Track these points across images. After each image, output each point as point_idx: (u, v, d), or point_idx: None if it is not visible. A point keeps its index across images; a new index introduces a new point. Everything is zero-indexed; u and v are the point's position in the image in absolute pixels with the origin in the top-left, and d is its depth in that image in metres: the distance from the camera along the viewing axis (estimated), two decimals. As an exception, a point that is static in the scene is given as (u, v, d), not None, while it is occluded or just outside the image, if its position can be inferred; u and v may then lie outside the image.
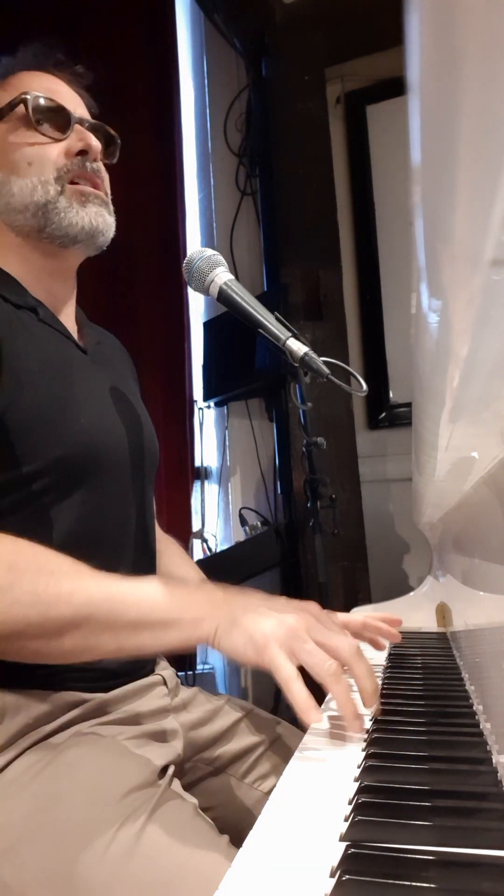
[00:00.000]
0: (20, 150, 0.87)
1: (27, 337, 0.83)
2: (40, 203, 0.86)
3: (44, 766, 0.70)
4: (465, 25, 0.19)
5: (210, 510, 2.58)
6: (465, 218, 0.25)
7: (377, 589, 2.08)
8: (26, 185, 0.86)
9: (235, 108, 2.58)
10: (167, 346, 2.48)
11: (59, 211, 0.87)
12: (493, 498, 0.64)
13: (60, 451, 0.79)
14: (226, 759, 0.92)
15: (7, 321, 0.81)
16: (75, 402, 0.84)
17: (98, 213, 0.89)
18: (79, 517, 0.82)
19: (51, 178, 0.87)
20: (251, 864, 0.44)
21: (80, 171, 0.88)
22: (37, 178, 0.87)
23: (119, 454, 0.89)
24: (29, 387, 0.79)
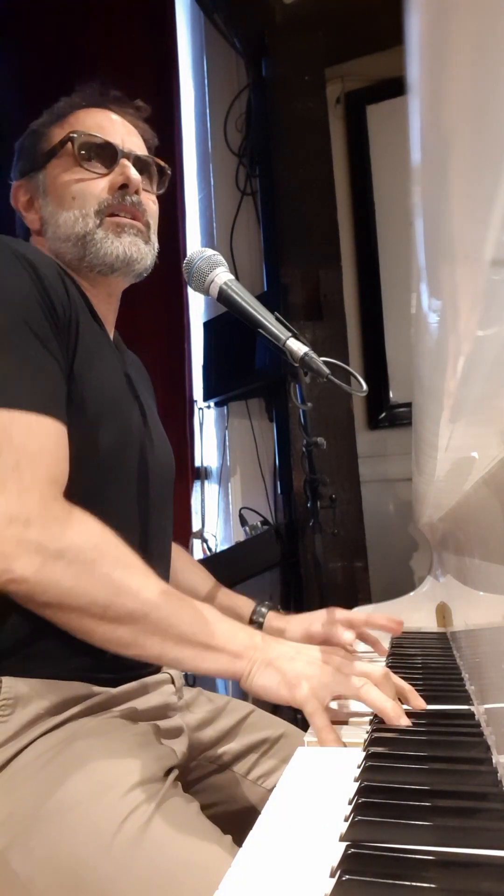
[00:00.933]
0: (67, 185, 0.94)
1: (93, 328, 0.89)
2: (80, 234, 0.93)
3: (53, 756, 0.70)
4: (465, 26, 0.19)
5: (210, 510, 2.58)
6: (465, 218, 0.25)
7: (377, 589, 2.08)
8: (69, 217, 0.93)
9: (235, 108, 2.58)
10: (167, 346, 2.48)
11: (96, 241, 0.93)
12: (493, 498, 0.64)
13: (111, 438, 0.84)
14: (229, 758, 0.93)
15: (82, 308, 0.87)
16: (126, 398, 0.91)
17: (132, 243, 0.95)
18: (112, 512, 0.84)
19: (91, 211, 0.93)
20: (251, 863, 0.44)
21: (119, 205, 0.94)
22: (79, 210, 0.93)
23: (151, 459, 0.93)
24: (95, 368, 0.85)
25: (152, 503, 0.93)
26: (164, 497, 0.97)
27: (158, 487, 0.95)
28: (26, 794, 0.68)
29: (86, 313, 0.88)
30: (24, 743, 0.72)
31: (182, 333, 2.53)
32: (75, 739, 0.72)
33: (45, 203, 0.95)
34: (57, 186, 0.94)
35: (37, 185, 0.97)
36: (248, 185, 2.55)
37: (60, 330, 0.80)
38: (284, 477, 2.22)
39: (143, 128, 1.03)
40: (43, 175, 0.96)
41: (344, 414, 2.12)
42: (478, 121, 0.21)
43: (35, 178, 0.97)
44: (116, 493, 0.86)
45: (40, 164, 0.96)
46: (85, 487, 0.80)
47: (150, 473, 0.93)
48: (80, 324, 0.84)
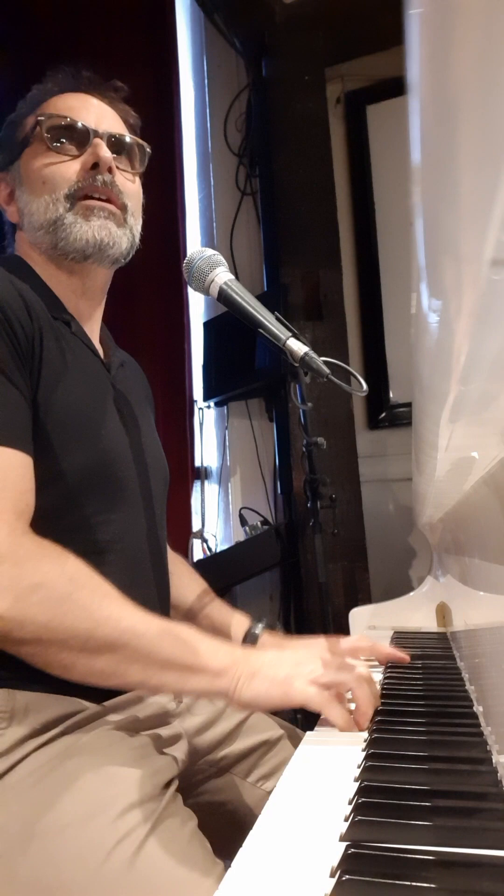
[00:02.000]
0: (38, 171, 0.90)
1: (62, 346, 0.85)
2: (51, 220, 0.89)
3: (45, 774, 0.69)
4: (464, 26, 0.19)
5: (210, 510, 2.58)
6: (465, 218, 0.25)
7: (377, 589, 2.08)
8: (41, 204, 0.90)
9: (235, 108, 2.58)
10: (167, 346, 2.49)
11: (66, 226, 0.89)
12: (493, 498, 0.64)
13: (84, 459, 0.82)
14: (230, 760, 0.92)
15: (48, 327, 0.84)
16: (99, 413, 0.87)
17: (102, 227, 0.90)
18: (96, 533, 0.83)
19: (61, 195, 0.89)
20: (251, 863, 0.44)
21: (90, 186, 0.90)
22: (49, 196, 0.89)
23: (132, 473, 0.90)
24: (62, 389, 0.82)
25: (142, 513, 0.91)
26: (154, 505, 0.94)
27: (148, 497, 0.93)
28: (15, 812, 0.66)
29: (52, 325, 0.85)
30: (17, 758, 0.70)
31: (182, 333, 2.53)
32: (69, 757, 0.71)
33: (21, 193, 0.92)
34: (30, 174, 0.91)
35: (15, 176, 0.93)
36: (248, 185, 2.55)
37: (24, 358, 0.78)
38: (284, 477, 2.22)
39: (124, 109, 0.99)
40: (18, 165, 0.93)
41: (344, 414, 2.12)
42: (478, 121, 0.21)
43: (13, 170, 0.93)
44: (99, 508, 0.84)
45: (16, 155, 0.93)
46: (61, 507, 0.79)
47: (136, 484, 0.90)
48: (45, 344, 0.81)
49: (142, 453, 0.93)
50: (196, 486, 2.54)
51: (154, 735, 0.81)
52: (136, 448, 0.92)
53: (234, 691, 0.71)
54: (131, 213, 0.95)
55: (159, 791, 0.72)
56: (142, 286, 2.46)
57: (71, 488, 0.81)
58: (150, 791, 0.70)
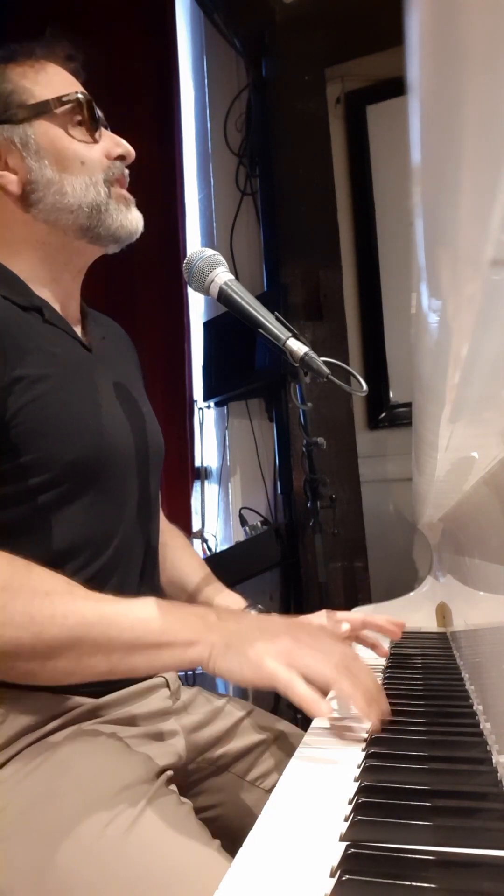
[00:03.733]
0: (71, 149, 0.87)
1: (32, 340, 0.81)
2: (94, 203, 0.87)
3: (39, 764, 0.70)
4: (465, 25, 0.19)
5: (210, 510, 2.58)
6: (465, 218, 0.25)
7: (377, 589, 2.08)
8: (79, 183, 0.86)
9: (235, 108, 2.58)
10: (167, 346, 2.49)
11: (110, 213, 0.88)
12: (493, 498, 0.64)
13: (72, 455, 0.79)
14: (228, 759, 0.92)
15: (14, 324, 0.80)
16: (84, 404, 0.84)
17: (139, 218, 0.92)
18: (86, 520, 0.82)
19: (100, 179, 0.88)
20: (251, 863, 0.44)
21: (121, 178, 0.90)
22: (88, 177, 0.87)
23: (127, 454, 0.88)
24: (38, 394, 0.78)
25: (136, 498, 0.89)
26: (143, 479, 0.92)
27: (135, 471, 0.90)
28: (9, 804, 0.67)
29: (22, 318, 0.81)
30: (11, 753, 0.71)
31: (182, 333, 2.53)
32: (60, 748, 0.71)
33: (39, 165, 0.85)
34: (59, 148, 0.86)
35: (21, 141, 0.85)
36: (248, 185, 2.55)
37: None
38: (284, 477, 2.22)
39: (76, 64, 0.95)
40: (29, 130, 0.85)
41: (344, 414, 2.12)
42: (478, 120, 0.21)
43: (12, 131, 0.85)
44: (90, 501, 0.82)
45: (20, 118, 0.85)
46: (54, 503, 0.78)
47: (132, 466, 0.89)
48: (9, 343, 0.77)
49: (133, 429, 0.91)
50: (196, 486, 2.54)
51: (150, 730, 0.81)
52: (126, 426, 0.90)
53: (208, 660, 0.68)
54: None
55: (152, 777, 0.72)
56: (142, 286, 2.47)
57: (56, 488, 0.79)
58: (144, 776, 0.70)
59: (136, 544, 0.90)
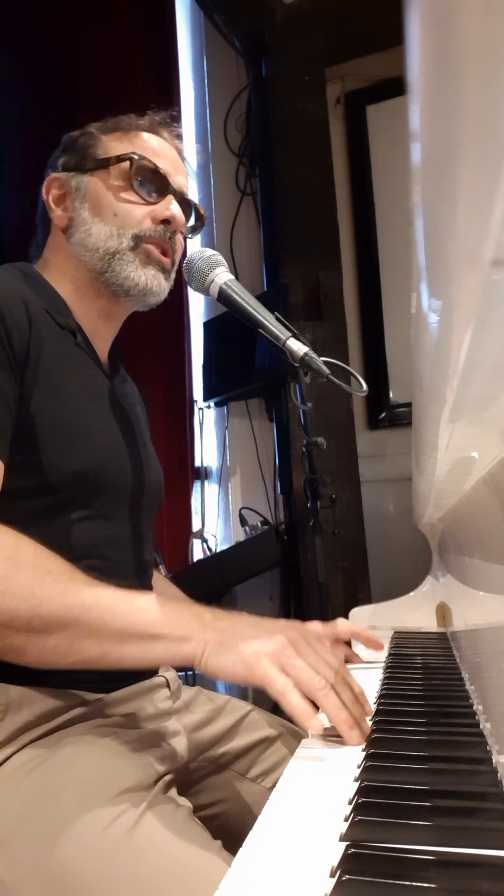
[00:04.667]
0: (111, 201, 0.93)
1: (63, 354, 0.86)
2: (110, 250, 0.91)
3: (40, 762, 0.70)
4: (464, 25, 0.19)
5: (210, 510, 2.58)
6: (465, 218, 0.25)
7: (377, 589, 2.08)
8: (105, 231, 0.92)
9: (235, 108, 2.58)
10: (167, 346, 2.49)
11: (123, 262, 0.92)
12: (493, 498, 0.64)
13: (76, 465, 0.81)
14: (229, 757, 0.93)
15: (49, 334, 0.84)
16: (96, 422, 0.87)
17: (155, 277, 0.94)
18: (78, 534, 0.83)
19: (129, 233, 0.92)
20: (251, 863, 0.44)
21: (157, 240, 0.93)
22: (117, 229, 0.92)
23: (126, 482, 0.90)
24: (58, 398, 0.82)
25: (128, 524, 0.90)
26: (142, 518, 0.94)
27: (137, 508, 0.92)
28: (11, 800, 0.67)
29: (55, 331, 0.86)
30: (12, 750, 0.71)
31: (182, 333, 2.53)
32: (63, 746, 0.72)
33: (81, 207, 0.94)
34: (100, 199, 0.93)
35: (76, 185, 0.95)
36: (248, 185, 2.55)
37: (14, 360, 0.78)
38: (284, 477, 2.22)
39: (186, 160, 1.03)
40: (87, 179, 0.94)
41: (344, 414, 2.12)
42: (478, 120, 0.21)
43: (76, 179, 0.95)
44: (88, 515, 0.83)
45: (87, 168, 0.94)
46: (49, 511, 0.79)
47: (128, 494, 0.90)
48: (43, 350, 0.81)
49: (136, 463, 0.93)
50: (196, 486, 2.54)
51: (151, 730, 0.82)
52: (132, 459, 0.92)
53: (200, 658, 0.68)
54: (175, 269, 0.99)
55: (153, 780, 0.72)
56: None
57: (62, 493, 0.80)
58: (144, 779, 0.71)
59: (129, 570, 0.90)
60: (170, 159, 0.98)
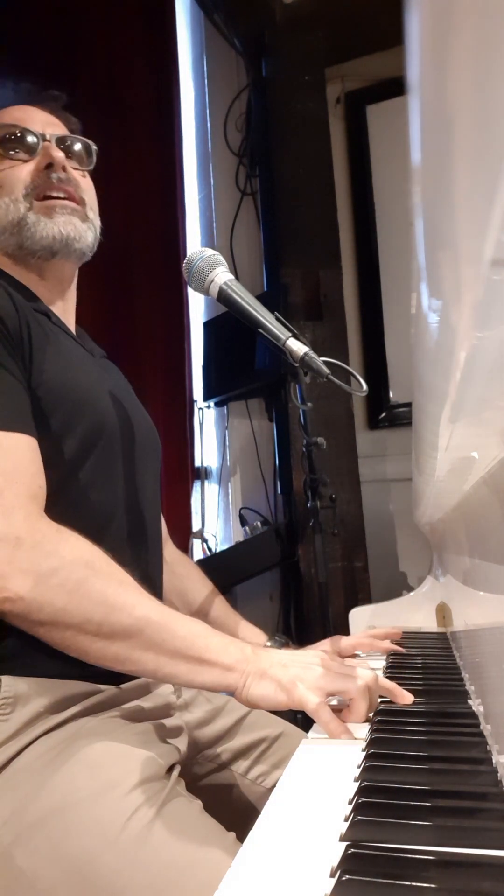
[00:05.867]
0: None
1: (47, 332, 0.88)
2: (13, 221, 0.92)
3: (55, 755, 0.71)
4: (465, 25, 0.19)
5: (210, 510, 2.58)
6: (465, 218, 0.25)
7: (377, 589, 2.08)
8: (2, 206, 0.92)
9: (235, 108, 2.58)
10: (167, 346, 2.48)
11: (29, 226, 0.92)
12: (493, 498, 0.64)
13: (87, 424, 0.85)
14: (229, 756, 0.93)
15: (32, 317, 0.86)
16: (92, 388, 0.90)
17: (67, 222, 0.93)
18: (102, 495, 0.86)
19: (20, 196, 0.92)
20: (251, 863, 0.44)
21: (47, 184, 0.93)
22: (7, 198, 0.93)
23: (128, 441, 0.93)
24: (54, 371, 0.84)
25: (137, 485, 0.93)
26: (149, 476, 0.97)
27: (143, 467, 0.95)
28: (29, 791, 0.68)
29: (34, 316, 0.88)
30: (25, 742, 0.72)
31: (182, 333, 2.53)
32: (77, 738, 0.73)
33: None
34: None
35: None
36: (248, 185, 2.55)
37: (13, 344, 0.80)
38: (284, 477, 2.22)
39: (65, 116, 1.03)
40: None
41: (344, 414, 2.12)
42: (478, 120, 0.21)
43: None
44: (95, 480, 0.86)
45: None
46: (63, 481, 0.81)
47: (136, 454, 0.93)
48: (32, 332, 0.84)
49: (133, 424, 0.96)
50: (196, 486, 2.54)
51: (157, 724, 0.83)
52: (127, 419, 0.95)
53: (242, 688, 0.72)
54: (90, 207, 0.98)
55: (165, 772, 0.74)
56: (142, 286, 2.46)
57: (72, 464, 0.83)
58: (157, 771, 0.72)
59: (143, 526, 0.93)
60: (36, 117, 0.99)
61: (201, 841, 0.65)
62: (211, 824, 0.69)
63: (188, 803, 0.71)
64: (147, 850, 0.63)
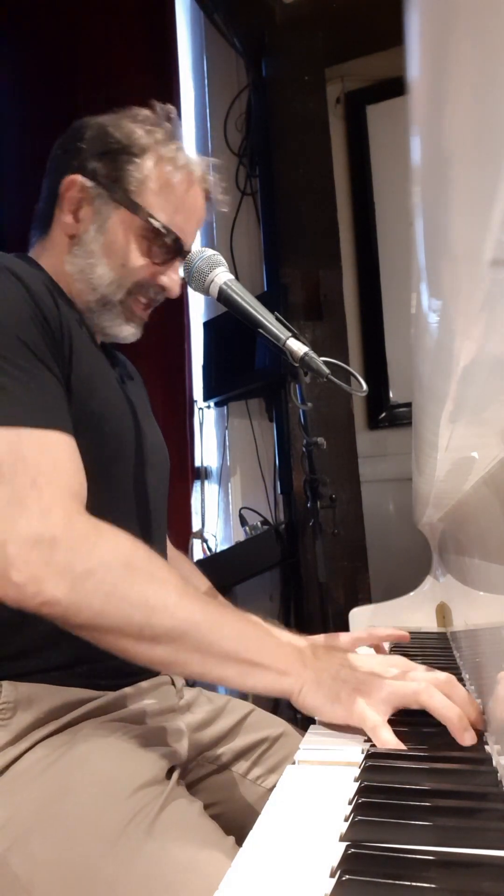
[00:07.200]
0: (124, 249, 0.93)
1: (80, 334, 0.88)
2: (105, 297, 0.93)
3: (55, 760, 0.70)
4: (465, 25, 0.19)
5: (210, 510, 2.58)
6: (465, 218, 0.25)
7: (377, 589, 2.08)
8: (107, 274, 0.93)
9: (235, 108, 2.58)
10: (167, 346, 2.48)
11: (109, 313, 0.95)
12: (493, 498, 0.64)
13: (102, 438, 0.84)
14: (229, 757, 0.93)
15: (69, 316, 0.86)
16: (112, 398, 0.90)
17: (133, 334, 0.99)
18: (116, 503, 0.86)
19: (126, 285, 0.94)
20: (251, 863, 0.44)
21: (146, 296, 0.96)
22: (117, 277, 0.93)
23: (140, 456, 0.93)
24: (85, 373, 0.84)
25: (150, 502, 0.93)
26: (160, 495, 0.97)
27: (155, 486, 0.95)
28: (28, 797, 0.68)
29: (76, 323, 0.88)
30: (24, 747, 0.72)
31: (182, 333, 2.53)
32: (76, 743, 0.72)
33: (96, 237, 0.93)
34: (116, 240, 0.92)
35: (98, 207, 0.93)
36: (248, 185, 2.55)
37: (55, 343, 0.80)
38: (284, 477, 2.22)
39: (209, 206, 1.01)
40: (112, 210, 0.92)
41: (344, 414, 2.12)
42: (478, 120, 0.21)
43: (101, 200, 0.92)
44: (115, 494, 0.86)
45: (116, 198, 0.92)
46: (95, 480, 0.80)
47: (146, 473, 0.93)
48: (73, 335, 0.83)
49: (146, 440, 0.96)
50: (196, 486, 2.54)
51: (158, 727, 0.83)
52: (141, 435, 0.95)
53: (297, 694, 0.69)
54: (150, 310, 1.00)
55: (165, 775, 0.73)
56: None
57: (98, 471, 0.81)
58: (157, 774, 0.72)
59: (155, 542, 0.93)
60: (196, 216, 0.98)
61: (201, 846, 0.64)
62: (210, 828, 0.68)
63: (188, 806, 0.70)
64: (145, 855, 0.63)
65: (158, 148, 0.94)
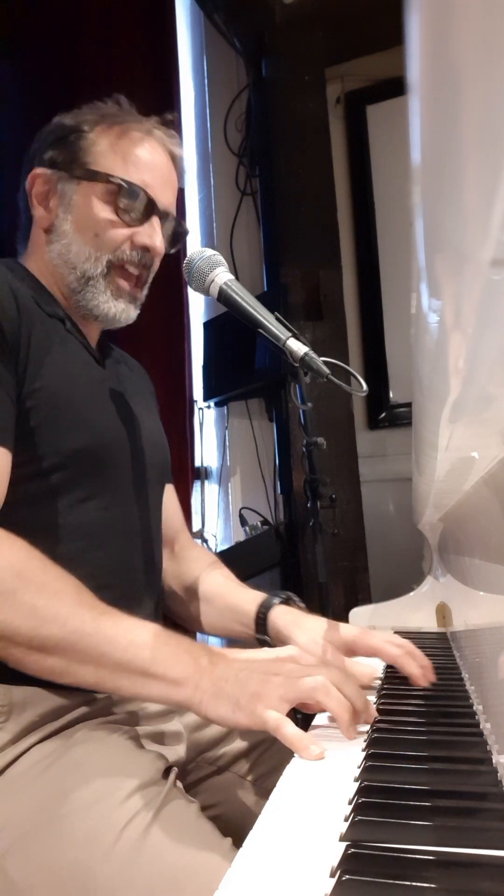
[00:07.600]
0: (94, 219, 0.92)
1: (54, 340, 0.87)
2: (86, 273, 0.92)
3: (51, 763, 0.70)
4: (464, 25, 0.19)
5: (210, 510, 2.58)
6: (465, 218, 0.25)
7: (377, 589, 2.08)
8: (84, 252, 0.92)
9: (235, 108, 2.58)
10: (167, 346, 2.48)
11: (95, 290, 0.93)
12: (493, 498, 0.64)
13: (76, 444, 0.83)
14: (228, 758, 0.93)
15: (39, 321, 0.86)
16: (93, 403, 0.89)
17: (125, 310, 0.96)
18: (88, 516, 0.84)
19: (105, 258, 0.92)
20: (251, 863, 0.44)
21: (131, 260, 0.94)
22: (95, 251, 0.92)
23: (127, 461, 0.91)
24: (50, 380, 0.83)
25: (134, 500, 0.92)
26: (149, 494, 0.96)
27: (142, 484, 0.94)
28: (24, 801, 0.67)
29: (45, 320, 0.87)
30: (20, 750, 0.71)
31: (182, 333, 2.53)
32: (72, 746, 0.72)
33: (65, 217, 0.93)
34: (84, 212, 0.92)
35: (62, 190, 0.93)
36: (248, 185, 2.55)
37: (9, 348, 0.79)
38: (284, 477, 2.22)
39: (179, 163, 1.00)
40: (74, 186, 0.93)
41: (344, 414, 2.12)
42: (478, 120, 0.21)
43: (62, 183, 0.93)
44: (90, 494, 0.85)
45: (75, 174, 0.93)
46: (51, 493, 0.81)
47: (130, 472, 0.92)
48: (33, 337, 0.83)
49: (137, 441, 0.94)
50: (196, 486, 2.54)
51: (155, 728, 0.82)
52: (131, 436, 0.93)
53: (198, 705, 0.68)
54: (146, 288, 0.99)
55: (161, 776, 0.72)
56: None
57: (59, 475, 0.82)
58: (154, 776, 0.71)
59: (136, 549, 0.91)
60: (160, 172, 0.96)
61: (197, 849, 0.64)
62: (207, 830, 0.68)
63: (185, 807, 0.70)
64: (143, 858, 0.62)
65: (106, 118, 0.96)
